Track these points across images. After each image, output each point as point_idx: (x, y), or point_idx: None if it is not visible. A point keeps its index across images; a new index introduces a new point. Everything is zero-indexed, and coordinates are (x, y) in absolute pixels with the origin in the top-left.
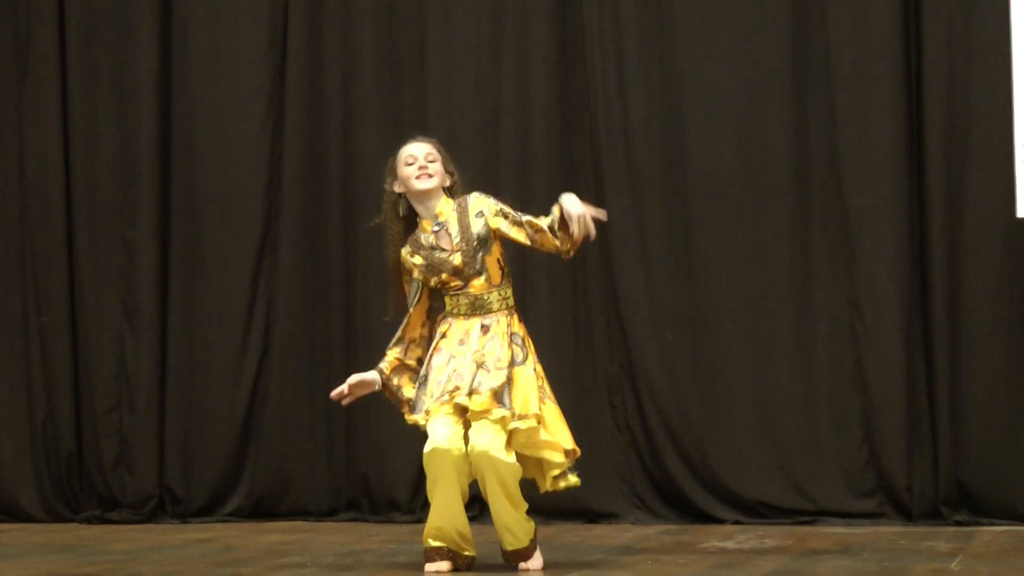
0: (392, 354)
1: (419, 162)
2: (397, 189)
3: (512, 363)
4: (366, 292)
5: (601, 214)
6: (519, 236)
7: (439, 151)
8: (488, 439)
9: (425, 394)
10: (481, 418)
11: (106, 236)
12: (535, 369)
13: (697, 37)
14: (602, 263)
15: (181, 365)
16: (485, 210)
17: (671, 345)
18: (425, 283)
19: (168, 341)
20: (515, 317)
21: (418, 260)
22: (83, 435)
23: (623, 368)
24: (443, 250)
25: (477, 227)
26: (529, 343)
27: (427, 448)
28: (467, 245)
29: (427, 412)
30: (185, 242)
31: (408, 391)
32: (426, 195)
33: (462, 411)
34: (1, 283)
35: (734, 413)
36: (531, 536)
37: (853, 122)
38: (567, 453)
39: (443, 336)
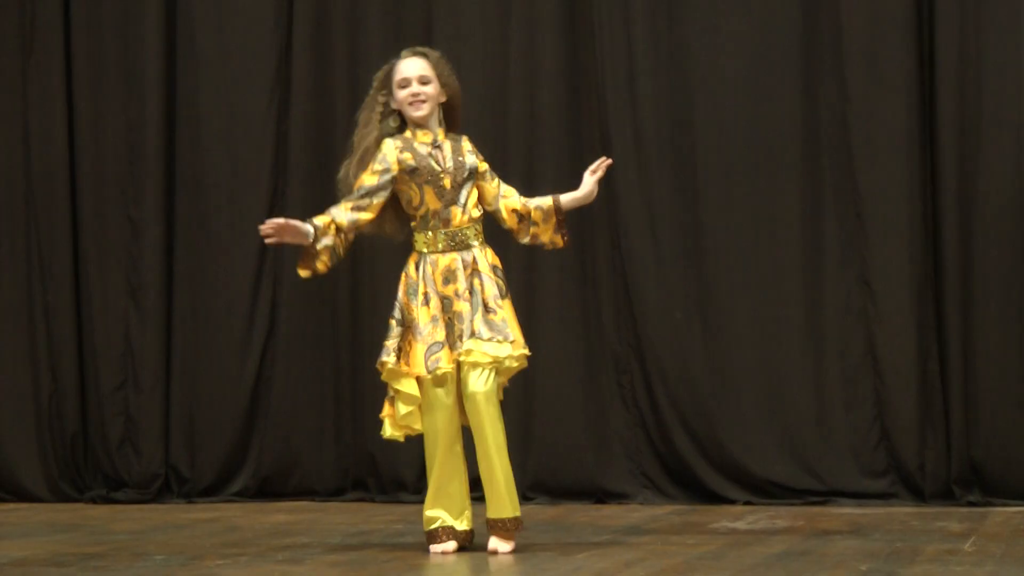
0: (337, 214)
1: (412, 87)
2: (393, 105)
3: (501, 296)
4: (372, 269)
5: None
6: (487, 191)
7: (434, 67)
8: (487, 386)
9: (419, 344)
10: (479, 365)
11: (111, 214)
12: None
13: (706, 10)
14: (610, 239)
15: (186, 344)
16: (475, 154)
17: (680, 323)
18: (396, 192)
19: (173, 320)
20: (490, 249)
21: (407, 157)
22: (88, 414)
23: (631, 347)
24: (438, 165)
25: (469, 160)
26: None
27: (428, 413)
28: (458, 174)
29: (431, 371)
30: (191, 221)
31: (320, 263)
32: (421, 120)
33: (457, 365)
34: (7, 262)
35: (744, 392)
36: (519, 512)
37: (864, 97)
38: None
39: (422, 278)
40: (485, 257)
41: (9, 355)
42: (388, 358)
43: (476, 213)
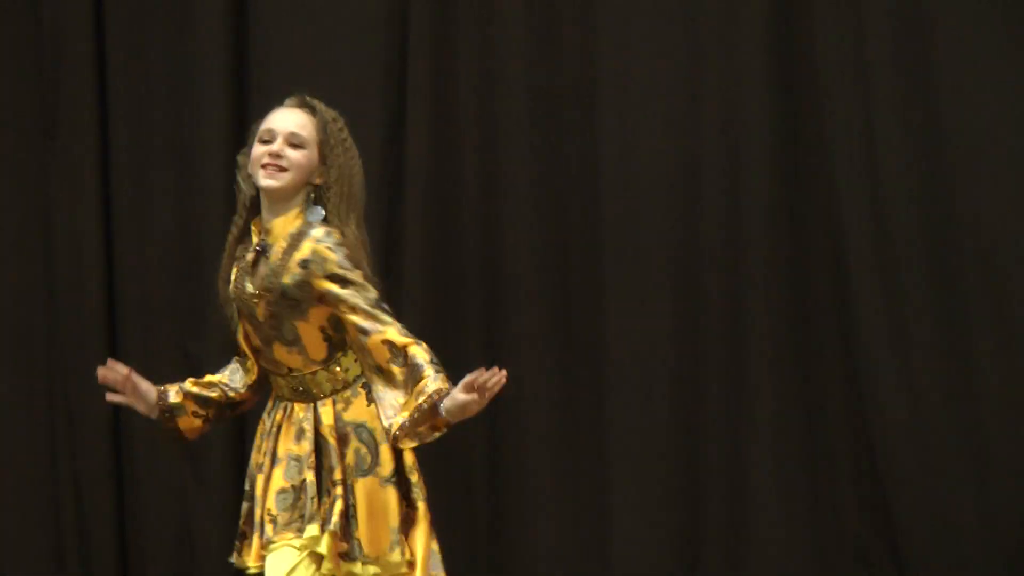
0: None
1: (274, 144)
2: (249, 168)
3: (350, 473)
4: (506, 292)
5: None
6: (351, 327)
7: (320, 131)
8: None
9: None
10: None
11: (162, 349)
12: (397, 475)
13: (968, 71)
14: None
15: None
16: (315, 264)
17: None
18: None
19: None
20: (360, 398)
21: (234, 273)
22: None
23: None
24: (251, 284)
25: (292, 278)
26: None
27: None
28: (271, 295)
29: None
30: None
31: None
32: (270, 195)
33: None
34: (22, 417)
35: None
36: None
37: None
38: None
39: (267, 409)
40: (333, 412)
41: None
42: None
43: (322, 352)
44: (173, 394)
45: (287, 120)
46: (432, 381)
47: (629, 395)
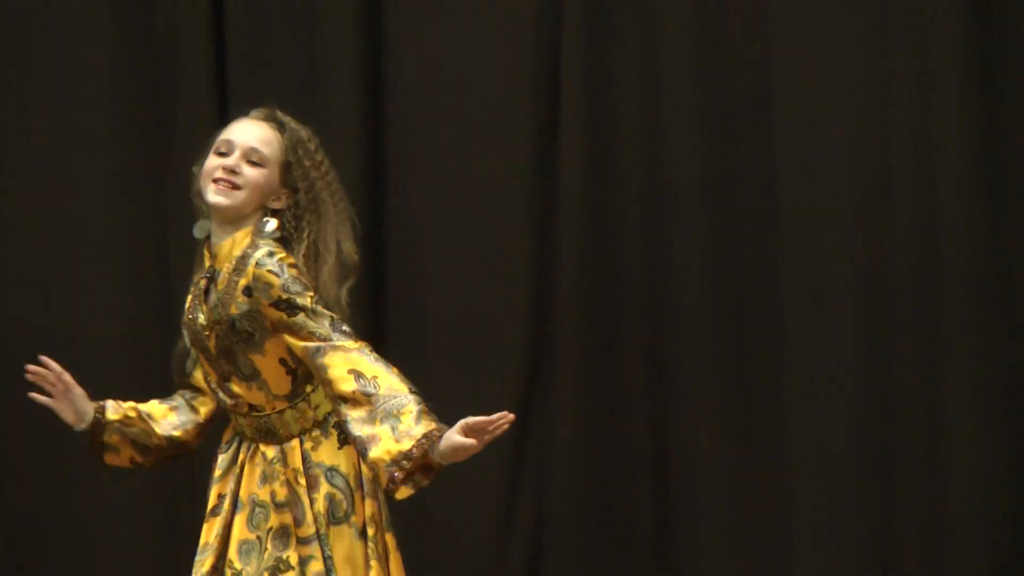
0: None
1: (230, 159)
2: (201, 182)
3: (321, 522)
4: (672, 312)
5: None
6: (307, 359)
7: (286, 149)
8: None
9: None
10: None
11: None
12: (373, 525)
13: None
14: None
15: None
16: (259, 293)
17: None
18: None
19: None
20: (331, 438)
21: (188, 301)
22: None
23: None
24: (203, 314)
25: (237, 309)
26: (366, 471)
27: None
28: (220, 327)
29: None
30: None
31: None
32: (219, 214)
33: None
34: None
35: None
36: None
37: None
38: None
39: (222, 445)
40: (301, 453)
41: None
42: None
43: (285, 387)
44: (111, 411)
45: (249, 133)
46: (417, 421)
47: (811, 420)
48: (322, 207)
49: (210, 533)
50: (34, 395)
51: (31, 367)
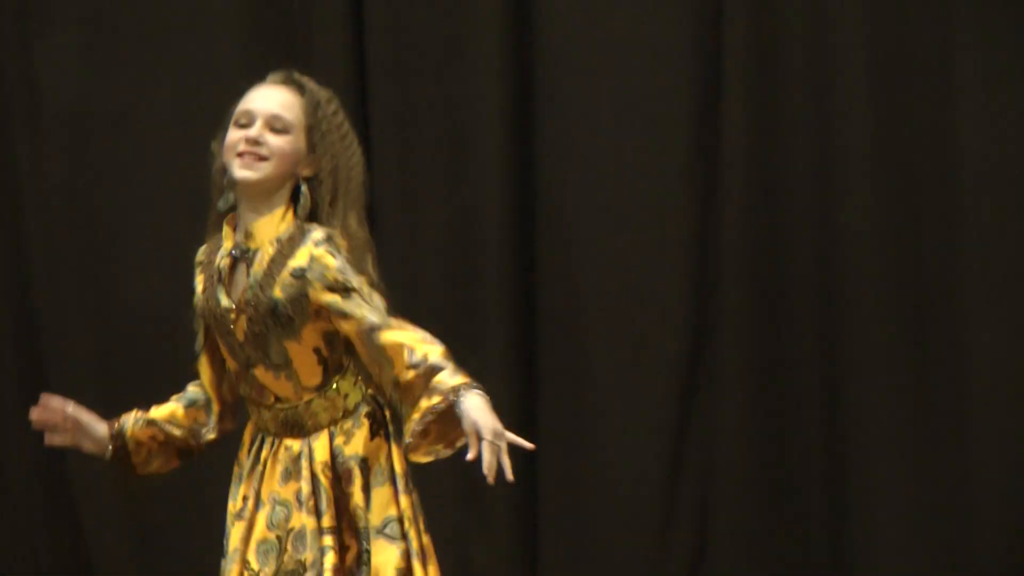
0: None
1: (252, 130)
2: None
3: (362, 516)
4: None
5: (525, 443)
6: (360, 342)
7: (308, 112)
8: None
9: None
10: None
11: None
12: (400, 520)
13: None
14: None
15: None
16: (312, 271)
17: None
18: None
19: None
20: (363, 429)
21: (199, 283)
22: None
23: None
24: (227, 296)
25: (283, 291)
26: (399, 465)
27: None
28: (257, 312)
29: None
30: None
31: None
32: (248, 189)
33: None
34: None
35: None
36: None
37: None
38: None
39: (244, 446)
40: (327, 447)
41: None
42: None
43: (317, 377)
44: (131, 424)
45: (269, 100)
46: (450, 376)
47: (995, 397)
48: (349, 171)
49: (236, 538)
50: (51, 439)
51: (34, 414)
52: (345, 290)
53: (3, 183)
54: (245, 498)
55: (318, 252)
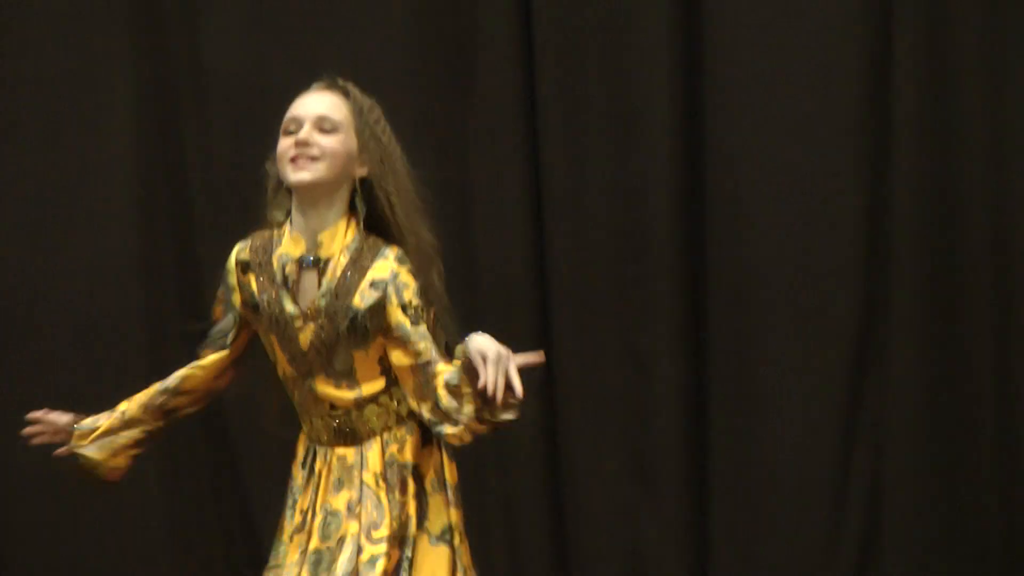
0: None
1: (301, 133)
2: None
3: (413, 525)
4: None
5: (535, 357)
6: (402, 366)
7: (355, 113)
8: None
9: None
10: None
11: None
12: (452, 529)
13: None
14: None
15: None
16: (392, 288)
17: None
18: (248, 325)
19: None
20: (415, 436)
21: (253, 287)
22: None
23: None
24: (293, 303)
25: (362, 301)
26: (450, 476)
27: None
28: (330, 321)
29: None
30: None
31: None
32: (305, 194)
33: None
34: None
35: None
36: None
37: None
38: None
39: (297, 459)
40: (380, 456)
41: None
42: None
43: (379, 384)
44: (87, 422)
45: (315, 103)
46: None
47: None
48: (402, 176)
49: (296, 551)
50: (59, 452)
51: (29, 434)
52: (416, 317)
53: (170, 161)
54: (303, 512)
55: (400, 268)
